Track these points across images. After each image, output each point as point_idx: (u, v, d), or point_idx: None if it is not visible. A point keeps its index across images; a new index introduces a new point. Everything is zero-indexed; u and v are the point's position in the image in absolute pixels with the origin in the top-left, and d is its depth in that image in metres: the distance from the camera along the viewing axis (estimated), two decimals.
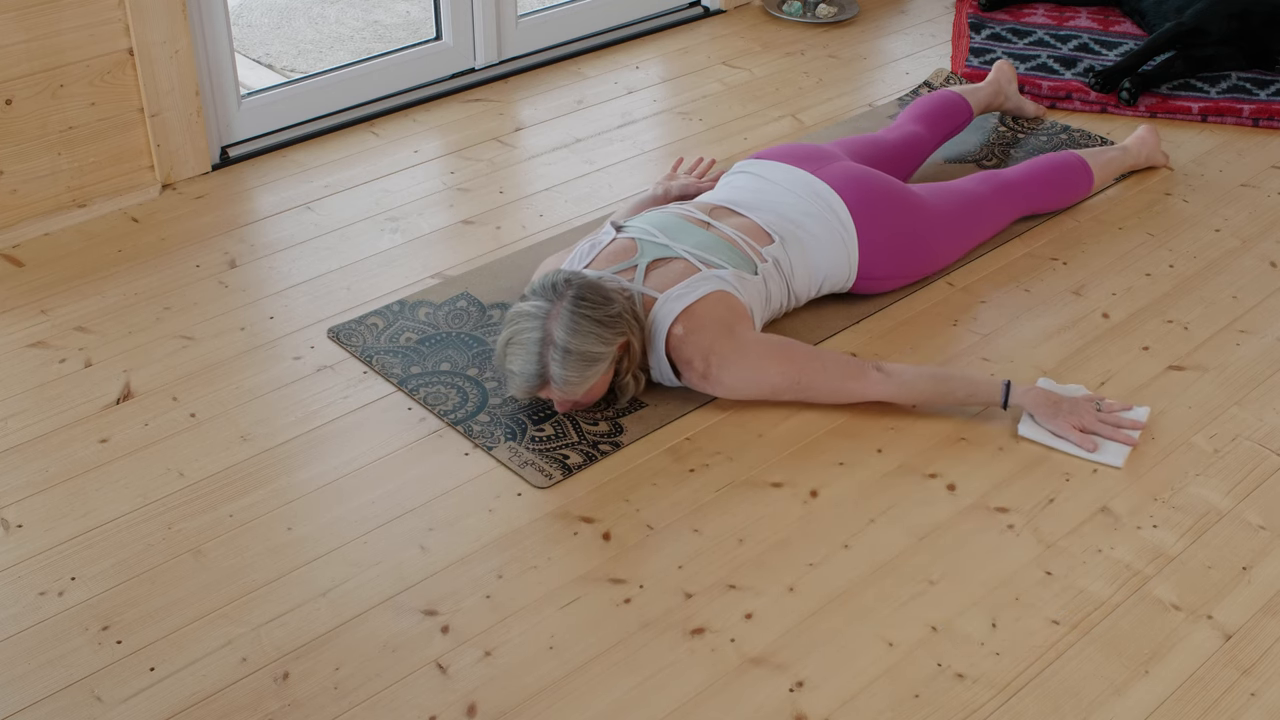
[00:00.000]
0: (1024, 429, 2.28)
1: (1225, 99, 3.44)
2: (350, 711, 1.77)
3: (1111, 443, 2.26)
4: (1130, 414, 2.32)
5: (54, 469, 2.17)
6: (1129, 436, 2.26)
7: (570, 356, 2.14)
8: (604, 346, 2.16)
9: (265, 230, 2.86)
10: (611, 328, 2.17)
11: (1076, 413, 2.27)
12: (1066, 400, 2.28)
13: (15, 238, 2.77)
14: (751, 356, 2.24)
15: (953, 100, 3.11)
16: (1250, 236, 2.91)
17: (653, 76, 3.63)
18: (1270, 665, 1.87)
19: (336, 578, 1.98)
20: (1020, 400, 2.29)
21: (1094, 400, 2.31)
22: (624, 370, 2.26)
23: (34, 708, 1.76)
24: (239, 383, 2.38)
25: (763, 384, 2.26)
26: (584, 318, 2.14)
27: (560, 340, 2.13)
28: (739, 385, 2.26)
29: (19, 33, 2.65)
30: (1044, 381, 2.38)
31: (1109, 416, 2.29)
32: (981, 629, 1.91)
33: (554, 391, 2.20)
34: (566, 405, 2.26)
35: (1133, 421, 2.29)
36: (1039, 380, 2.38)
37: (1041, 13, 3.99)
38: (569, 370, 2.15)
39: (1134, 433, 2.28)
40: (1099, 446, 2.24)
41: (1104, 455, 2.23)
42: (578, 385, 2.17)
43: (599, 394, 2.26)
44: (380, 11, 4.60)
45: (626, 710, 1.78)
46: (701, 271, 2.31)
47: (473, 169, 3.13)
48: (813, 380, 2.27)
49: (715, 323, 2.25)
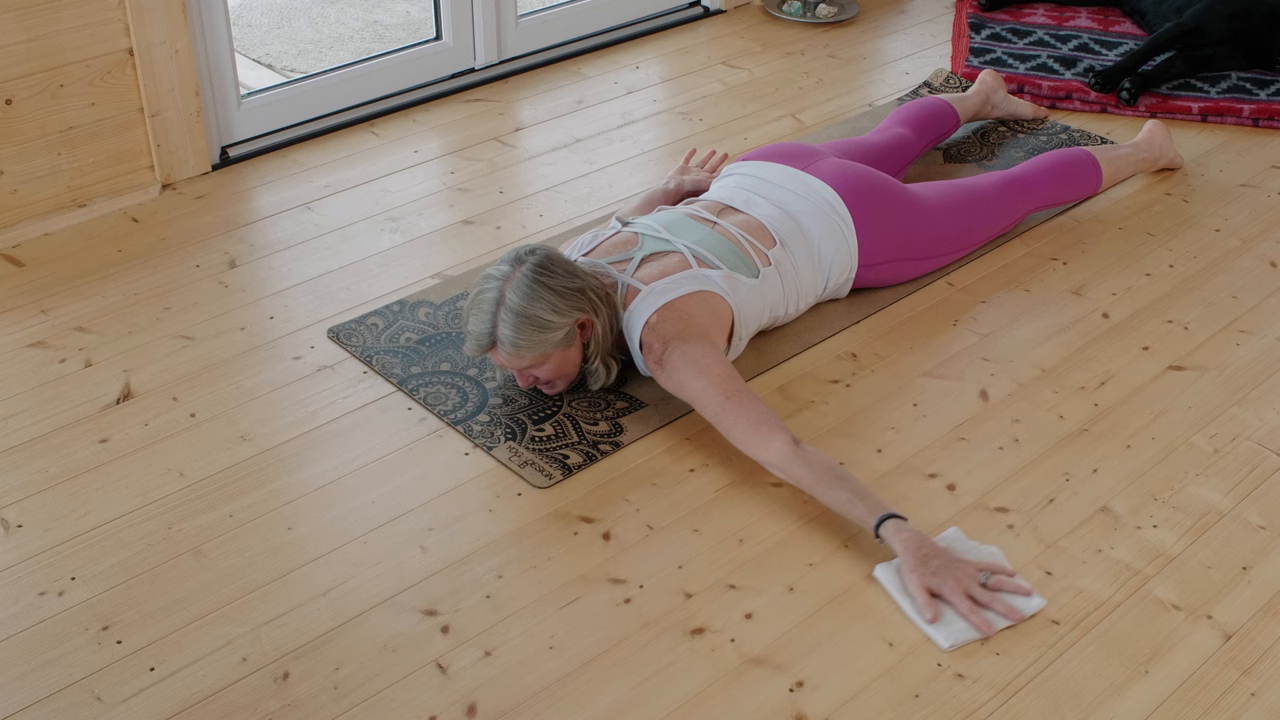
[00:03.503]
0: (880, 569, 1.98)
1: (1225, 99, 3.44)
2: (350, 711, 1.77)
3: (957, 620, 1.90)
4: (1023, 601, 1.93)
5: (54, 469, 2.17)
6: (986, 621, 1.88)
7: (520, 320, 2.16)
8: (556, 316, 2.17)
9: (265, 230, 2.86)
10: (568, 300, 2.18)
11: (944, 575, 1.92)
12: (941, 558, 1.93)
13: (15, 238, 2.77)
14: (700, 362, 2.17)
15: (940, 106, 3.12)
16: (1250, 236, 2.91)
17: (653, 76, 3.63)
18: (1270, 665, 1.87)
19: (336, 578, 1.98)
20: (890, 539, 1.96)
21: (985, 570, 1.95)
22: (592, 354, 2.27)
23: (34, 708, 1.76)
24: (239, 383, 2.38)
25: (693, 391, 2.17)
26: (540, 284, 2.17)
27: (512, 303, 2.16)
28: (675, 381, 2.20)
29: (19, 33, 2.65)
30: (953, 531, 2.04)
31: (981, 594, 1.92)
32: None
33: (502, 355, 2.21)
34: (527, 380, 2.28)
35: (1008, 607, 1.90)
36: (950, 529, 2.05)
37: (1041, 13, 3.99)
38: (518, 334, 2.16)
39: (998, 620, 1.90)
40: (939, 617, 1.89)
41: (937, 629, 1.88)
42: (525, 350, 2.18)
43: (562, 372, 2.27)
44: (380, 11, 4.60)
45: (626, 710, 1.78)
46: (692, 269, 2.32)
47: (473, 169, 3.13)
48: (730, 414, 2.12)
49: (688, 318, 2.24)
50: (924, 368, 2.47)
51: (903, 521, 1.97)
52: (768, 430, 2.09)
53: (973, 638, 1.88)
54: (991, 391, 2.41)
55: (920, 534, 1.97)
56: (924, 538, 1.96)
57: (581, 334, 2.24)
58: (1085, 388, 2.42)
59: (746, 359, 2.46)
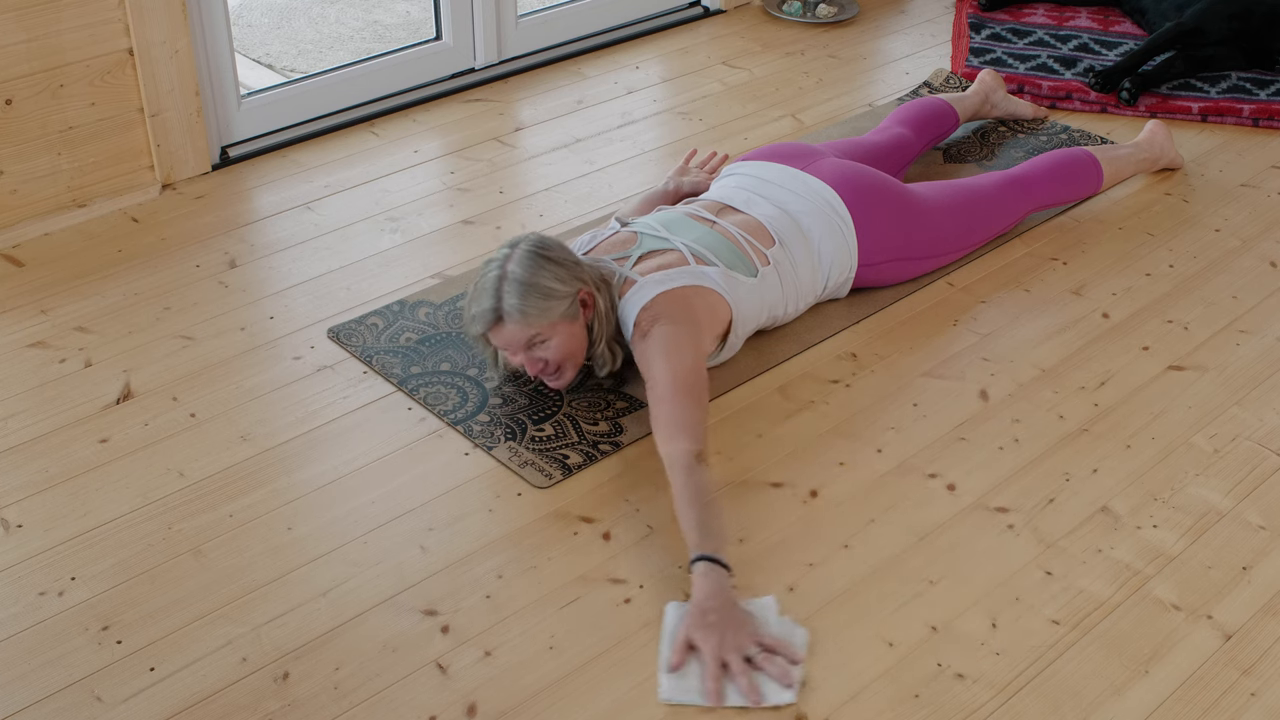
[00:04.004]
0: (671, 605, 1.91)
1: (1225, 99, 3.44)
2: (350, 711, 1.77)
3: (694, 679, 1.79)
4: (773, 689, 1.78)
5: (54, 469, 2.17)
6: (718, 694, 1.77)
7: (525, 288, 2.17)
8: (560, 285, 2.18)
9: (265, 230, 2.86)
10: (570, 271, 2.21)
11: (710, 633, 1.81)
12: (722, 618, 1.82)
13: (15, 238, 2.77)
14: (675, 348, 2.17)
15: (939, 105, 3.12)
16: (1250, 236, 2.91)
17: (653, 76, 3.63)
18: (1270, 665, 1.87)
19: (336, 578, 1.98)
20: (695, 579, 1.87)
21: (759, 647, 1.82)
22: (596, 335, 2.26)
23: (34, 708, 1.76)
24: (239, 383, 2.38)
25: (653, 370, 2.15)
26: (541, 257, 2.20)
27: (515, 274, 2.18)
28: (645, 356, 2.20)
29: (19, 33, 2.65)
30: (768, 600, 1.91)
31: (735, 665, 1.79)
32: (981, 629, 1.91)
33: (509, 328, 2.19)
34: (536, 365, 2.24)
35: (751, 686, 1.77)
36: (767, 598, 1.92)
37: (1041, 13, 3.99)
38: (524, 301, 2.16)
39: (733, 696, 1.77)
40: (680, 668, 1.80)
41: (669, 677, 1.80)
42: (532, 318, 2.17)
43: (569, 352, 2.24)
44: (380, 11, 4.60)
45: (626, 710, 1.78)
46: (690, 265, 2.32)
47: (473, 169, 3.13)
48: (668, 404, 2.09)
49: (685, 305, 2.25)
50: (924, 368, 2.47)
51: (719, 571, 1.86)
52: (685, 433, 2.04)
53: (695, 702, 1.76)
54: (991, 391, 2.41)
55: (722, 588, 1.85)
56: (723, 593, 1.84)
57: (585, 312, 2.24)
58: (1085, 388, 2.42)
59: (747, 359, 2.46)
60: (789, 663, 1.82)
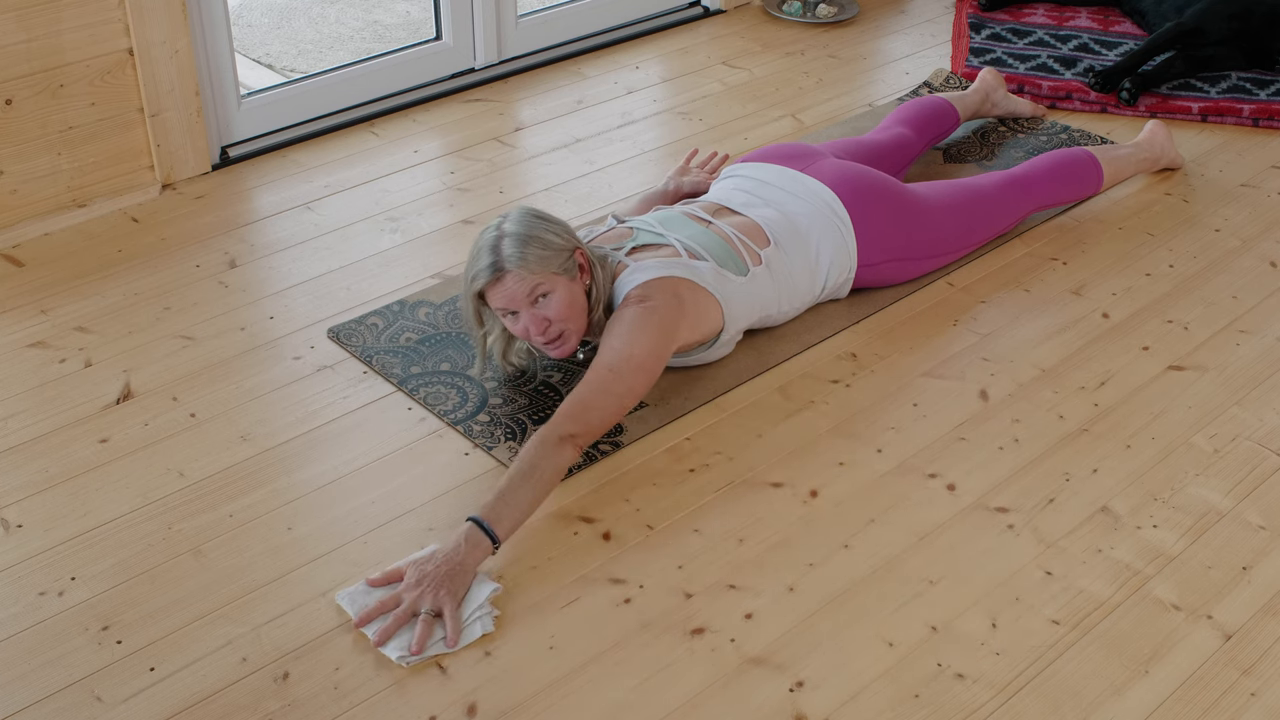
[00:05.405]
0: (342, 593, 1.93)
1: (1225, 99, 3.44)
2: (350, 711, 1.77)
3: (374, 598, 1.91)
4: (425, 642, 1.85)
5: (54, 469, 2.17)
6: (386, 633, 1.85)
7: (523, 239, 2.19)
8: (556, 238, 2.22)
9: (265, 230, 2.86)
10: (565, 229, 2.25)
11: (416, 585, 1.90)
12: (435, 576, 1.90)
13: (15, 238, 2.77)
14: (642, 333, 2.18)
15: (940, 105, 3.12)
16: (1250, 236, 2.91)
17: (653, 76, 3.63)
18: (1270, 665, 1.87)
19: (336, 578, 1.98)
20: (455, 533, 1.97)
21: (437, 612, 1.88)
22: (594, 300, 2.27)
23: (34, 708, 1.76)
24: (239, 383, 2.38)
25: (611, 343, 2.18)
26: (536, 217, 2.25)
27: (512, 230, 2.21)
28: (613, 328, 2.21)
29: (19, 33, 2.65)
30: (488, 589, 1.93)
31: (405, 616, 1.87)
32: (981, 629, 1.91)
33: (508, 283, 2.17)
34: (540, 324, 2.21)
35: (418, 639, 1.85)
36: (491, 584, 1.94)
37: (1041, 13, 3.99)
38: (524, 249, 2.18)
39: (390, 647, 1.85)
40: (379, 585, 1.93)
41: (352, 595, 1.92)
42: (533, 266, 2.17)
43: (570, 314, 2.22)
44: (380, 11, 4.60)
45: (626, 710, 1.78)
46: (682, 259, 2.32)
47: (473, 169, 3.13)
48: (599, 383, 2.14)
49: (675, 295, 2.25)
50: (924, 368, 2.47)
51: (478, 539, 1.93)
52: (577, 418, 2.10)
53: (351, 616, 1.88)
54: (991, 391, 2.41)
55: (463, 553, 1.91)
56: (459, 556, 1.91)
57: (582, 274, 2.25)
58: (1085, 388, 2.42)
59: (747, 359, 2.46)
60: (442, 641, 1.86)
